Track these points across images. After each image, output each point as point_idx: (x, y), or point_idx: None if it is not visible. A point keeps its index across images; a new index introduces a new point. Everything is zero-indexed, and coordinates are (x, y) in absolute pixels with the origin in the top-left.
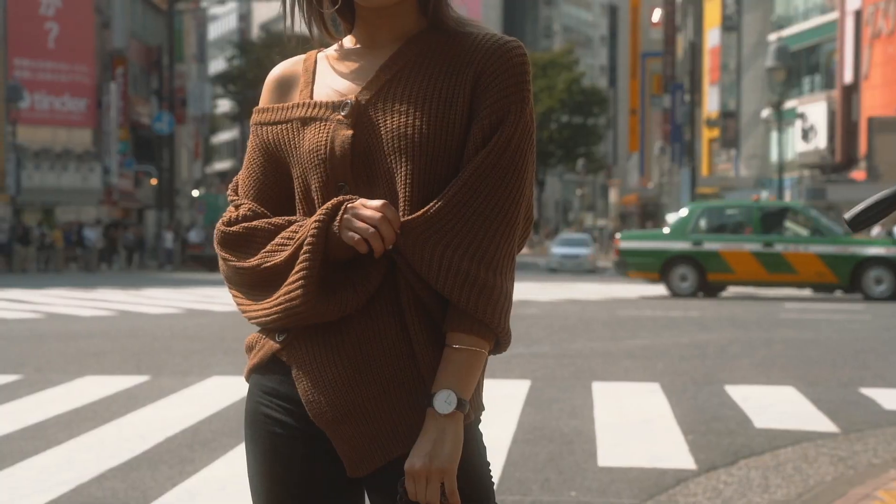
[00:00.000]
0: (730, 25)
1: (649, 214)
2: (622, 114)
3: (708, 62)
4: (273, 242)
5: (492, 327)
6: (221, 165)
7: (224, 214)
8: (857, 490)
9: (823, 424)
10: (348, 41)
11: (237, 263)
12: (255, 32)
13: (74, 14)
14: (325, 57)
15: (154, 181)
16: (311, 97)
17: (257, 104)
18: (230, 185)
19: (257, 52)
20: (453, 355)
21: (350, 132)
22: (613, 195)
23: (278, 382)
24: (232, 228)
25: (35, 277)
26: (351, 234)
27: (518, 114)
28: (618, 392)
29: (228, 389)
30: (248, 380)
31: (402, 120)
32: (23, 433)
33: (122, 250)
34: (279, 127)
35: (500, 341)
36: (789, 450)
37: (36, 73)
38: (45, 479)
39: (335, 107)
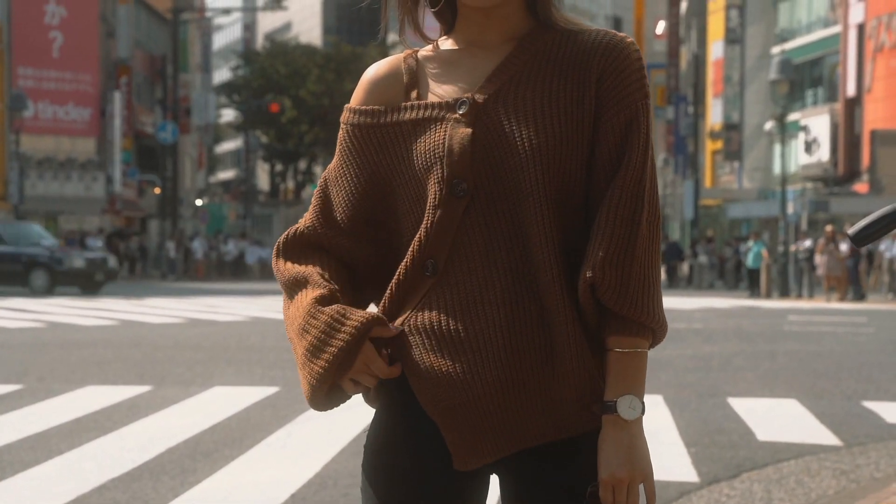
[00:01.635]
0: (733, 38)
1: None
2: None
3: (711, 74)
4: (309, 315)
5: (648, 324)
6: (225, 175)
7: (302, 220)
8: None
9: (826, 438)
10: (447, 43)
11: (284, 295)
12: (260, 42)
13: (79, 23)
14: (427, 58)
15: (157, 190)
16: (421, 98)
17: (262, 113)
18: (319, 183)
19: (262, 61)
20: (621, 360)
21: (469, 130)
22: None
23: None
24: (289, 251)
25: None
26: (360, 379)
27: (645, 109)
28: None
29: (231, 399)
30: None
31: (529, 119)
32: (24, 443)
33: (125, 259)
34: (385, 130)
35: (657, 334)
36: (792, 463)
37: (40, 82)
38: (47, 489)
39: (451, 106)
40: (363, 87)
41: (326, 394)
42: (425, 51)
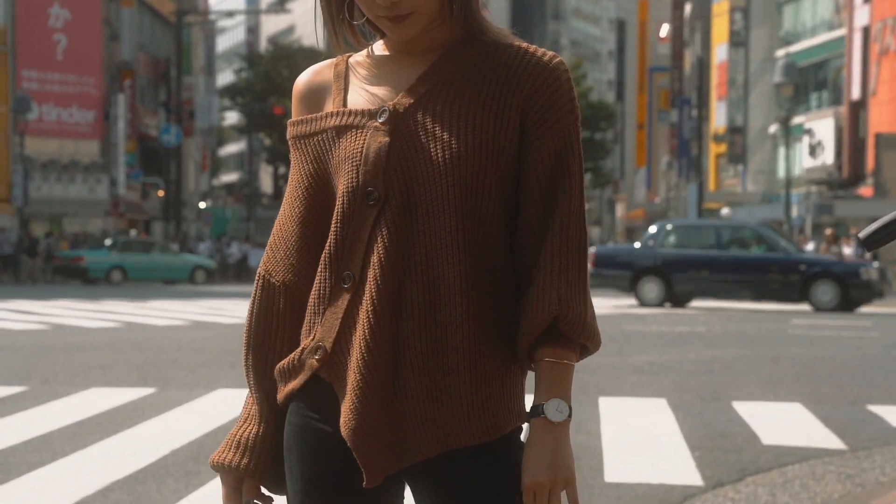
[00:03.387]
0: (737, 41)
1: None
2: (629, 128)
3: (715, 77)
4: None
5: (581, 342)
6: (229, 177)
7: (262, 264)
8: None
9: (831, 441)
10: (379, 47)
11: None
12: (264, 45)
13: (83, 26)
14: (357, 63)
15: (161, 193)
16: (345, 105)
17: (265, 116)
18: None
19: (265, 64)
20: (553, 368)
21: (387, 139)
22: (620, 210)
23: (323, 400)
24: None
25: (41, 288)
26: None
27: (576, 132)
28: (624, 407)
29: (235, 402)
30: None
31: (448, 130)
32: (28, 445)
33: None
34: (315, 139)
35: (587, 348)
36: (797, 467)
37: (44, 85)
38: (50, 491)
39: (372, 114)
40: (295, 97)
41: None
42: (358, 56)
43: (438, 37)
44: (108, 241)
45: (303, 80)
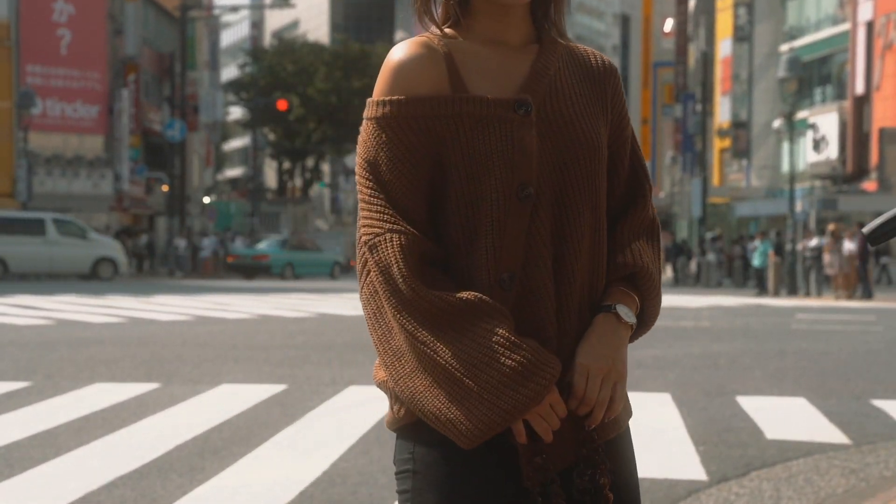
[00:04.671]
0: (742, 36)
1: (660, 224)
2: (634, 123)
3: (720, 72)
4: (502, 346)
5: (651, 301)
6: (233, 172)
7: (383, 225)
8: (868, 502)
9: (835, 436)
10: (460, 36)
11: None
12: (268, 40)
13: (87, 21)
14: (455, 48)
15: (165, 188)
16: (467, 90)
17: (269, 111)
18: (372, 193)
19: (269, 59)
20: (622, 294)
21: (533, 133)
22: None
23: None
24: (423, 271)
25: (45, 284)
26: (541, 422)
27: None
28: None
29: (239, 397)
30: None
31: (579, 125)
32: (32, 440)
33: (133, 257)
34: (442, 121)
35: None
36: (801, 462)
37: (48, 80)
38: (55, 486)
39: (507, 105)
40: (400, 73)
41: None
42: (448, 40)
43: (527, 31)
44: (278, 239)
45: (404, 55)
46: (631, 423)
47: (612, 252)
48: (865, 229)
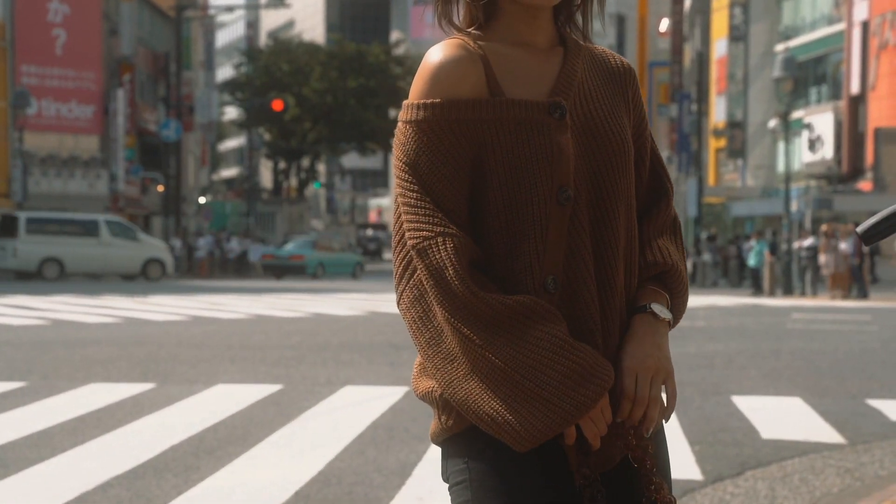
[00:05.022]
0: (737, 36)
1: None
2: None
3: (715, 72)
4: (561, 349)
5: (681, 297)
6: (228, 172)
7: (433, 229)
8: (863, 502)
9: (830, 436)
10: (488, 38)
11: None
12: (263, 40)
13: (82, 21)
14: (490, 50)
15: (161, 188)
16: (503, 94)
17: (265, 111)
18: (417, 196)
19: (265, 59)
20: (654, 293)
21: (569, 136)
22: None
23: None
24: (473, 275)
25: (41, 284)
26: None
27: None
28: None
29: (234, 397)
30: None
31: (610, 127)
32: (28, 440)
33: None
34: (484, 125)
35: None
36: (796, 461)
37: (43, 80)
38: (51, 486)
39: (542, 108)
40: (439, 76)
41: None
42: (481, 42)
43: (552, 33)
44: (307, 240)
45: (440, 59)
46: None
47: (641, 252)
48: (860, 228)
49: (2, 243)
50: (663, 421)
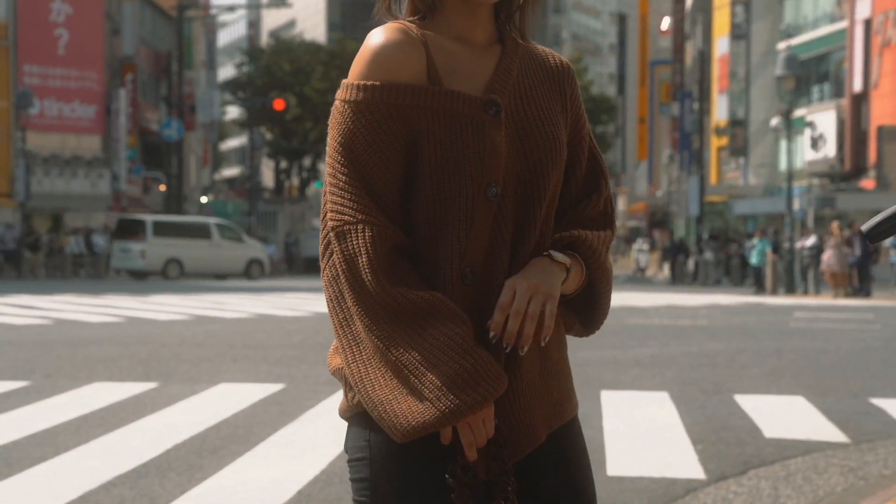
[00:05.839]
0: (739, 34)
1: (658, 222)
2: (630, 122)
3: (717, 70)
4: (461, 349)
5: (592, 265)
6: (230, 172)
7: (354, 215)
8: (867, 501)
9: (834, 435)
10: (428, 30)
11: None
12: (265, 39)
13: (84, 21)
14: (430, 39)
15: (163, 187)
16: (441, 83)
17: (266, 111)
18: (346, 178)
19: (266, 58)
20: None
21: (502, 133)
22: (621, 203)
23: None
24: (390, 267)
25: (44, 283)
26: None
27: None
28: (626, 401)
29: (237, 396)
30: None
31: (544, 127)
32: (31, 440)
33: None
34: (421, 112)
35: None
36: (799, 460)
37: (46, 80)
38: (54, 485)
39: (479, 104)
40: (380, 58)
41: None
42: (421, 30)
43: (491, 32)
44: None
45: (382, 41)
46: (629, 420)
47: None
48: (864, 227)
49: (123, 245)
50: (579, 427)
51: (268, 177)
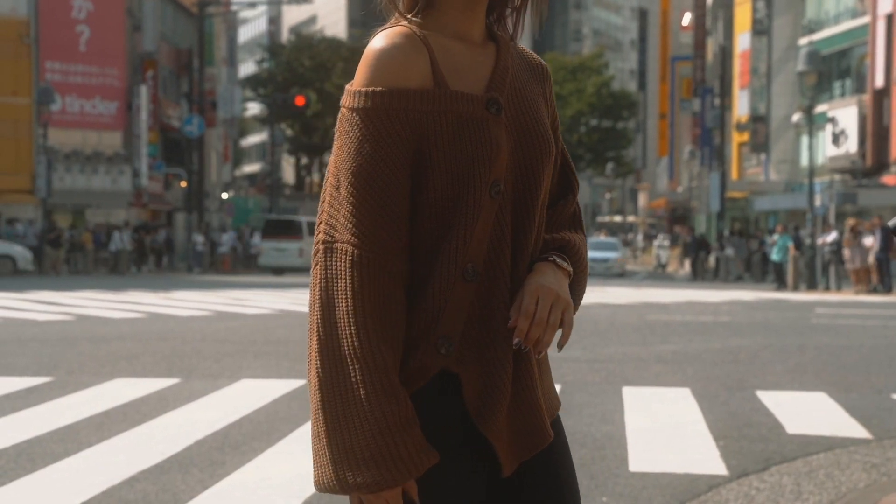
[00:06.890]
0: (760, 29)
1: (679, 218)
2: (651, 118)
3: (738, 66)
4: (401, 418)
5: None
6: (251, 168)
7: (361, 242)
8: (889, 497)
9: (856, 431)
10: (426, 28)
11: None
12: (285, 35)
13: (106, 17)
14: (432, 40)
15: (183, 184)
16: (447, 85)
17: (287, 107)
18: (348, 191)
19: (287, 55)
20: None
21: (504, 132)
22: (642, 199)
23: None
24: (371, 288)
25: (65, 279)
26: None
27: None
28: (649, 397)
29: (258, 392)
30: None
31: (539, 125)
32: (54, 435)
33: (151, 253)
34: (429, 116)
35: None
36: (822, 456)
37: (67, 76)
38: (77, 481)
39: (482, 103)
40: (386, 64)
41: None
42: (422, 32)
43: (484, 29)
44: None
45: (386, 46)
46: (651, 416)
47: (544, 241)
48: (892, 222)
49: (276, 245)
50: (561, 427)
51: (288, 173)
